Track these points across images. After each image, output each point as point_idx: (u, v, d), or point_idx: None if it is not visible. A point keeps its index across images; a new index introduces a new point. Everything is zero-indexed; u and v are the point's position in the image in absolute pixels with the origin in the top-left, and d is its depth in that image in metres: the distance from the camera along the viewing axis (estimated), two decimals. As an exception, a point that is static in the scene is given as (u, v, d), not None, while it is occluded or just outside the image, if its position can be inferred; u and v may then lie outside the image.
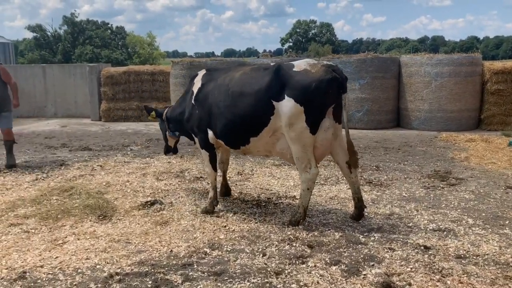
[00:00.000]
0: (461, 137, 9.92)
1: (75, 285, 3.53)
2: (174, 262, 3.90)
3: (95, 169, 7.32)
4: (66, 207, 5.28)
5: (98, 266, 3.83)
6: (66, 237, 4.48)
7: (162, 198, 5.75)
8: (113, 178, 6.71)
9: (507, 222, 4.82)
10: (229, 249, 4.17)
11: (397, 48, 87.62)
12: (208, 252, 4.12)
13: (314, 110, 4.50)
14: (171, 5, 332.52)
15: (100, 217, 5.02)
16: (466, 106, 11.30)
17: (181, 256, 4.03)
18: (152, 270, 3.74)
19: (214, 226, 4.76)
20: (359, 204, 4.87)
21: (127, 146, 9.59)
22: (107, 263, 3.89)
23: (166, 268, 3.77)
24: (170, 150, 6.22)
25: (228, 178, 6.02)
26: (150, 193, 5.97)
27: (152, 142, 10.15)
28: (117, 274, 3.67)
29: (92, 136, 11.15)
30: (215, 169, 5.42)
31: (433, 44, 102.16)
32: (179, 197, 5.81)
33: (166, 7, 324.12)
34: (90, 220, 4.95)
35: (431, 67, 11.28)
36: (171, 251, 4.15)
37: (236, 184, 6.37)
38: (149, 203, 5.50)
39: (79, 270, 3.76)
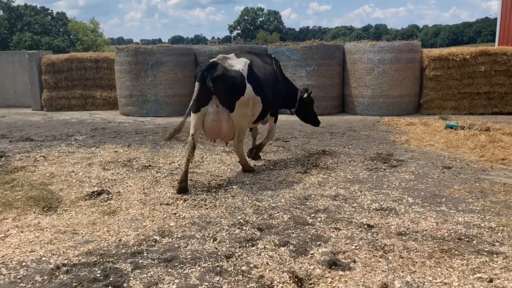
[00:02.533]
0: (402, 121, 10.37)
1: (19, 278, 3.40)
2: (123, 251, 3.84)
3: (38, 160, 7.03)
4: (8, 199, 5.05)
5: (43, 258, 3.70)
6: (8, 230, 4.29)
7: (109, 187, 5.63)
8: (57, 169, 6.48)
9: (443, 199, 5.11)
10: (179, 236, 4.16)
11: (342, 36, 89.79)
12: (158, 239, 4.09)
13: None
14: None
15: (45, 209, 4.84)
16: (407, 92, 11.80)
17: (130, 244, 3.98)
18: (101, 259, 3.66)
19: (164, 214, 4.73)
20: None
21: (71, 136, 9.25)
22: (53, 254, 3.77)
23: (115, 257, 3.71)
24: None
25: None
26: (97, 183, 5.82)
27: (97, 131, 9.86)
28: (64, 265, 3.57)
29: (34, 126, 10.66)
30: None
31: (376, 32, 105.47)
32: (127, 186, 5.70)
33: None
34: (34, 212, 4.76)
35: (374, 54, 11.64)
36: (120, 240, 4.08)
37: (186, 172, 6.34)
38: (95, 193, 5.37)
39: (23, 263, 3.62)
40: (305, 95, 7.10)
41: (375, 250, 3.79)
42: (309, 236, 4.08)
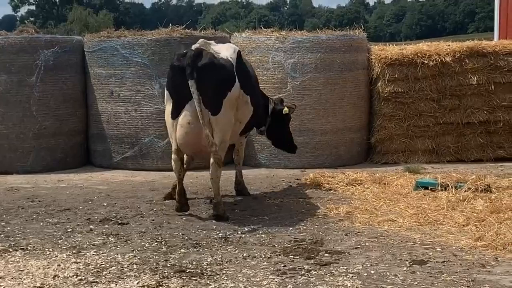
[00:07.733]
0: (339, 176, 10.78)
1: None
2: None
3: None
4: None
5: None
6: None
7: None
8: None
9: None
10: None
11: (232, 20, 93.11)
12: None
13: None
14: None
15: None
16: (345, 123, 12.54)
17: None
18: None
19: None
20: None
21: None
22: None
23: None
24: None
25: None
26: None
27: None
28: None
29: None
30: None
31: (294, 13, 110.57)
32: None
33: None
34: None
35: (284, 54, 11.94)
36: None
37: None
38: None
39: None
40: (285, 108, 9.62)
41: None
42: None
